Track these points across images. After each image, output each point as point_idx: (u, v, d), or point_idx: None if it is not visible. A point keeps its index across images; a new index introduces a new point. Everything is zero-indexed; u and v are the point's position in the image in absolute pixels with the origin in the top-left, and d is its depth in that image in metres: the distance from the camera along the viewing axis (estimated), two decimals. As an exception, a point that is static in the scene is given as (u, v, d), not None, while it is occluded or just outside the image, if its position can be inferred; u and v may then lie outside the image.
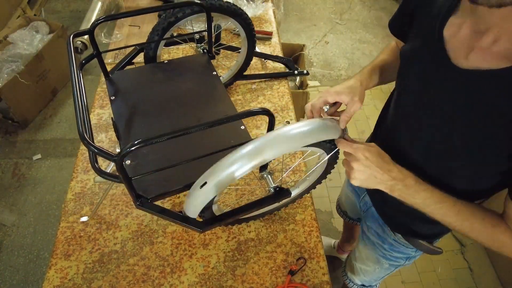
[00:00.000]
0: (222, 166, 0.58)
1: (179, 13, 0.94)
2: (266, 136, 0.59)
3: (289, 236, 0.92)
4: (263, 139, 0.58)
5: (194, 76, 0.93)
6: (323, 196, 1.99)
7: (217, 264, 0.87)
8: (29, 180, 2.02)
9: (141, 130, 0.79)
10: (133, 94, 0.86)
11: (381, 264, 1.02)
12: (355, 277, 1.19)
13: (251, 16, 1.54)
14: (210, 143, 0.76)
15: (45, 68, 2.23)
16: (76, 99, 0.64)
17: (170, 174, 0.67)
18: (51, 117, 2.33)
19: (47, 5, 3.14)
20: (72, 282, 0.83)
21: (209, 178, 0.59)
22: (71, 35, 0.75)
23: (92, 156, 0.62)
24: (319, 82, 2.65)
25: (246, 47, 1.12)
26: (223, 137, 0.77)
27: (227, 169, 0.57)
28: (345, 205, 1.28)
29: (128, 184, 0.59)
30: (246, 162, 0.57)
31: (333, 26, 3.13)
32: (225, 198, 0.98)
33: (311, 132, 0.62)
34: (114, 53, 1.40)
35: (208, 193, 0.60)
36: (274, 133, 0.59)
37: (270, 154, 0.57)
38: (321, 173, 0.83)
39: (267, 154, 0.57)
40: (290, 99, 1.25)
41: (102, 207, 0.95)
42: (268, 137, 0.59)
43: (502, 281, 1.72)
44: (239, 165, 0.57)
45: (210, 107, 0.85)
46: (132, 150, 0.51)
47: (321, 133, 0.63)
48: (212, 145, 0.75)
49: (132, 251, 0.88)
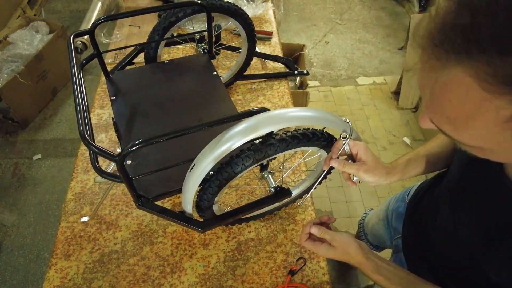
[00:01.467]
0: (209, 147, 0.58)
1: (180, 13, 0.94)
2: (254, 117, 0.57)
3: (289, 236, 0.92)
4: (254, 118, 0.57)
5: (195, 76, 0.93)
6: (323, 196, 1.99)
7: (217, 264, 0.87)
8: (29, 180, 2.01)
9: (142, 130, 0.79)
10: (134, 94, 0.86)
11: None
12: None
13: (251, 16, 1.54)
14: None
15: (45, 68, 2.23)
16: (77, 99, 0.64)
17: (170, 174, 0.67)
18: (51, 117, 2.33)
19: (47, 5, 3.14)
20: (72, 282, 0.83)
21: (197, 161, 0.59)
22: (72, 35, 0.75)
23: (93, 156, 0.63)
24: (319, 82, 2.65)
25: (246, 47, 1.12)
26: None
27: (214, 149, 0.57)
28: (369, 229, 1.24)
29: (129, 184, 0.59)
30: (235, 138, 0.56)
31: (333, 26, 3.13)
32: (225, 198, 0.98)
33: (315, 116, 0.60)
34: (114, 53, 1.40)
35: (198, 175, 0.59)
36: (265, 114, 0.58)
37: (260, 131, 0.56)
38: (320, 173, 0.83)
39: (256, 131, 0.56)
40: (290, 99, 1.25)
41: (102, 207, 0.95)
42: (256, 117, 0.57)
43: (502, 281, 1.71)
44: (227, 143, 0.56)
45: (211, 107, 0.85)
46: (133, 150, 0.51)
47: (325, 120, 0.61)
48: None
49: (132, 251, 0.88)
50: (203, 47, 1.08)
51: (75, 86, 0.66)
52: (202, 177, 0.60)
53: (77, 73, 0.69)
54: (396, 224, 0.99)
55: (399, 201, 1.02)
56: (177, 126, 0.56)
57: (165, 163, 0.63)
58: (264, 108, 0.57)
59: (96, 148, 0.54)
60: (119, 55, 1.39)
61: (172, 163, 0.62)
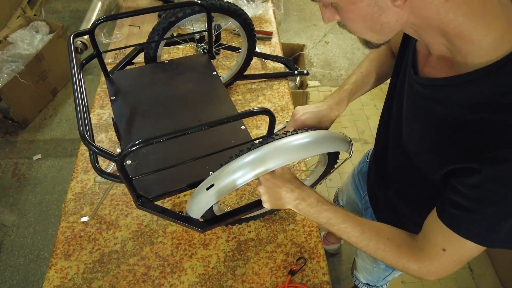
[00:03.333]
0: (231, 169, 0.58)
1: (180, 13, 0.94)
2: (276, 142, 0.59)
3: (289, 236, 0.92)
4: (273, 145, 0.58)
5: (195, 76, 0.93)
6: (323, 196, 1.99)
7: (217, 264, 0.87)
8: (29, 180, 2.01)
9: (142, 130, 0.79)
10: (134, 94, 0.86)
11: (378, 263, 1.02)
12: (359, 275, 1.19)
13: (251, 16, 1.54)
14: (211, 143, 0.76)
15: (45, 68, 2.23)
16: (77, 99, 0.64)
17: (170, 174, 0.67)
18: (51, 117, 2.33)
19: (47, 5, 3.13)
20: (72, 282, 0.83)
21: (217, 181, 0.59)
22: (72, 35, 0.75)
23: (93, 156, 0.62)
24: (319, 82, 2.65)
25: (246, 47, 1.12)
26: (223, 137, 0.77)
27: (236, 172, 0.57)
28: (344, 199, 1.28)
29: (129, 184, 0.59)
30: (255, 167, 0.57)
31: (333, 26, 3.13)
32: (225, 198, 0.98)
33: (323, 142, 0.62)
34: (114, 53, 1.40)
35: (214, 196, 0.60)
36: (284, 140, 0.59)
37: (280, 161, 0.58)
38: (321, 174, 0.83)
39: (277, 161, 0.57)
40: (290, 99, 1.25)
41: (102, 207, 0.95)
42: (278, 144, 0.59)
43: (502, 281, 1.72)
44: (248, 169, 0.57)
45: (211, 107, 0.85)
46: (132, 150, 0.51)
47: (331, 144, 0.64)
48: (212, 145, 0.75)
49: (132, 251, 0.88)
50: (203, 47, 1.08)
51: (75, 86, 0.66)
52: (220, 198, 0.60)
53: (77, 73, 0.69)
54: (362, 183, 1.05)
55: (362, 163, 1.11)
56: (177, 126, 0.56)
57: (165, 163, 0.63)
58: (264, 108, 0.57)
59: (96, 148, 0.54)
60: (119, 55, 1.39)
61: (172, 163, 0.62)
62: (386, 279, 1.10)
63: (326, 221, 0.64)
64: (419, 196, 0.73)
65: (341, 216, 0.63)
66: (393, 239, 0.61)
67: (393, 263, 0.61)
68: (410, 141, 0.63)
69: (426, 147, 0.58)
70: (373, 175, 0.93)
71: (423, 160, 0.60)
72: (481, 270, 1.77)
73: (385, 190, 0.85)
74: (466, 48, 0.46)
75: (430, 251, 0.57)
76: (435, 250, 0.56)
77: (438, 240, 0.55)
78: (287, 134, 0.62)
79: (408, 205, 0.79)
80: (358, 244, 0.63)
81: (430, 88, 0.54)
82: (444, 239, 0.54)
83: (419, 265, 0.58)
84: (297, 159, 0.60)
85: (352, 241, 0.64)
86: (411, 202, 0.77)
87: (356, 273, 1.22)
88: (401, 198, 0.80)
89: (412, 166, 0.64)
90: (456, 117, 0.50)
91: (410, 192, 0.75)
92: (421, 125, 0.58)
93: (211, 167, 0.63)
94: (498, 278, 1.73)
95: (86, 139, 0.55)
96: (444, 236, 0.54)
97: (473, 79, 0.46)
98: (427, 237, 0.58)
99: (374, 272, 1.09)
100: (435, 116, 0.54)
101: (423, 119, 0.57)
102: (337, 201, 1.39)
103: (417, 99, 0.58)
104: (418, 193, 0.72)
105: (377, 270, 1.05)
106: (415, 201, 0.75)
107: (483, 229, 0.50)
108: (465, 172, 0.49)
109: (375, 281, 1.15)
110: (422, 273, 0.59)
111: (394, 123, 0.71)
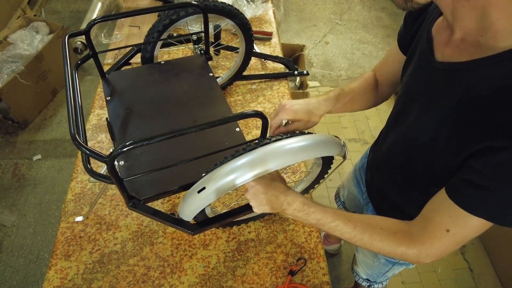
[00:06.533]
0: (223, 172, 0.57)
1: (174, 15, 0.93)
2: (269, 146, 0.58)
3: (289, 236, 0.92)
4: (265, 149, 0.57)
5: (191, 77, 0.93)
6: (323, 196, 1.99)
7: (217, 264, 0.87)
8: (29, 181, 2.01)
9: (136, 131, 0.78)
10: (129, 94, 0.86)
11: (378, 258, 1.03)
12: (360, 270, 1.20)
13: (251, 16, 1.54)
14: (205, 145, 0.75)
15: (45, 68, 2.23)
16: (69, 99, 0.63)
17: (164, 175, 0.67)
18: (51, 118, 2.33)
19: (47, 5, 3.14)
20: (72, 282, 0.83)
21: (208, 184, 0.58)
22: (66, 35, 0.75)
23: (85, 157, 0.62)
24: (319, 83, 2.65)
25: (244, 47, 1.12)
26: (217, 139, 0.76)
27: (228, 176, 0.56)
28: (345, 194, 1.28)
29: (120, 185, 0.58)
30: (247, 171, 0.56)
31: (333, 27, 3.13)
32: (225, 198, 0.98)
33: (315, 146, 0.62)
34: (114, 54, 1.40)
35: (206, 199, 0.59)
36: (277, 144, 0.58)
37: (272, 165, 0.57)
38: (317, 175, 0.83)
39: (269, 165, 0.56)
40: (290, 99, 1.25)
41: (102, 207, 0.95)
42: (270, 148, 0.58)
43: (502, 281, 1.72)
44: (240, 173, 0.56)
45: (206, 109, 0.85)
46: (123, 151, 0.51)
47: (324, 148, 0.63)
48: (206, 146, 0.75)
49: (132, 251, 0.88)
50: (200, 48, 1.08)
51: (68, 86, 0.66)
52: (212, 201, 0.59)
53: (71, 73, 0.68)
54: (364, 179, 1.06)
55: (363, 159, 1.10)
56: (172, 127, 0.55)
57: (158, 164, 0.63)
58: (256, 111, 0.57)
59: (86, 150, 0.54)
60: (119, 55, 1.39)
61: (165, 164, 0.61)
62: (386, 274, 1.10)
63: (316, 222, 0.64)
64: (417, 188, 0.73)
65: (331, 215, 0.63)
66: (388, 228, 0.61)
67: (391, 251, 0.61)
68: (422, 131, 0.64)
69: (446, 132, 0.58)
70: (371, 169, 0.94)
71: (438, 148, 0.60)
72: (481, 270, 1.77)
73: (383, 183, 0.86)
74: (500, 24, 0.47)
75: (432, 232, 0.57)
76: (437, 231, 0.57)
77: (444, 221, 0.56)
78: (282, 137, 0.61)
79: (405, 197, 0.80)
80: (352, 239, 0.63)
81: (453, 71, 0.56)
82: (451, 219, 0.55)
83: (419, 247, 0.58)
84: (290, 163, 0.59)
85: (346, 238, 0.63)
86: (408, 194, 0.78)
87: (356, 268, 1.22)
88: (400, 190, 0.81)
89: (416, 157, 0.65)
90: (483, 97, 0.51)
91: (408, 184, 0.76)
92: (441, 110, 0.59)
93: (204, 169, 0.62)
94: (498, 278, 1.73)
95: (76, 140, 0.54)
96: (451, 216, 0.55)
97: (505, 59, 0.48)
98: (430, 219, 0.58)
99: (374, 267, 1.09)
100: (459, 98, 0.55)
101: (444, 104, 0.58)
102: (338, 197, 1.39)
103: (438, 84, 0.59)
104: (417, 185, 0.73)
105: (377, 264, 1.06)
106: (413, 194, 0.76)
107: (498, 207, 0.51)
108: (488, 151, 0.50)
109: (375, 276, 1.15)
110: (421, 256, 0.59)
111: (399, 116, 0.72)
